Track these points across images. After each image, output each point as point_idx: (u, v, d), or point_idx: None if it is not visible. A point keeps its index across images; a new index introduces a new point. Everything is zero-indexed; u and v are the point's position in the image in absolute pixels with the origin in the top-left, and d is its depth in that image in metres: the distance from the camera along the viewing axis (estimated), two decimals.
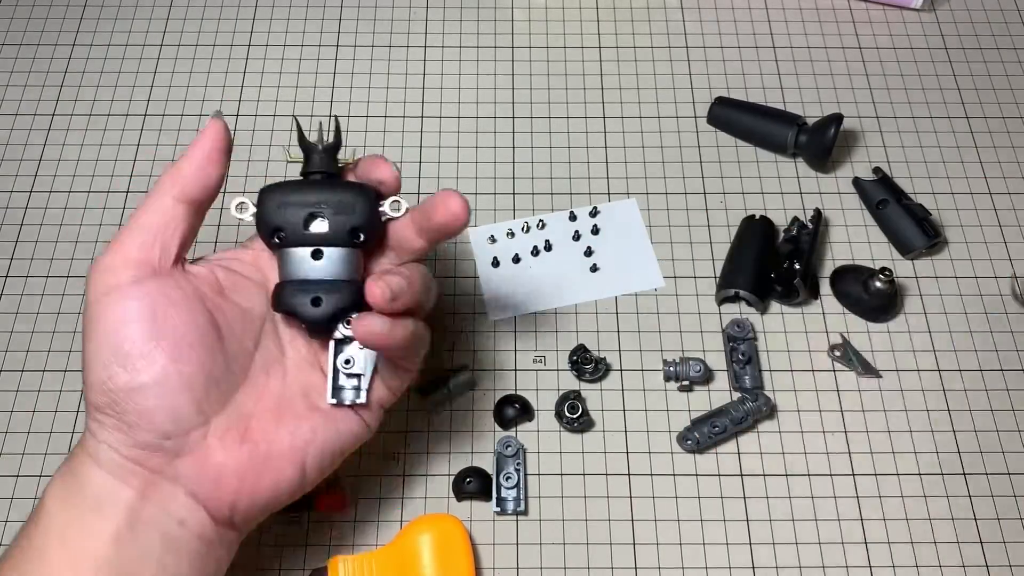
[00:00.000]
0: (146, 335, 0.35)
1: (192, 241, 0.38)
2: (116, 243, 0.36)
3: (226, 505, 0.36)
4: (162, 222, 0.36)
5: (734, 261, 0.53)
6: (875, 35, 0.64)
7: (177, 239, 0.37)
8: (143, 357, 0.34)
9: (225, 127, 0.38)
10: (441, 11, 0.65)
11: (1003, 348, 0.52)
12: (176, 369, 0.35)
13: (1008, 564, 0.46)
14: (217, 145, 0.37)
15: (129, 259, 0.36)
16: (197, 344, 0.36)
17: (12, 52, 0.63)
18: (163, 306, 0.35)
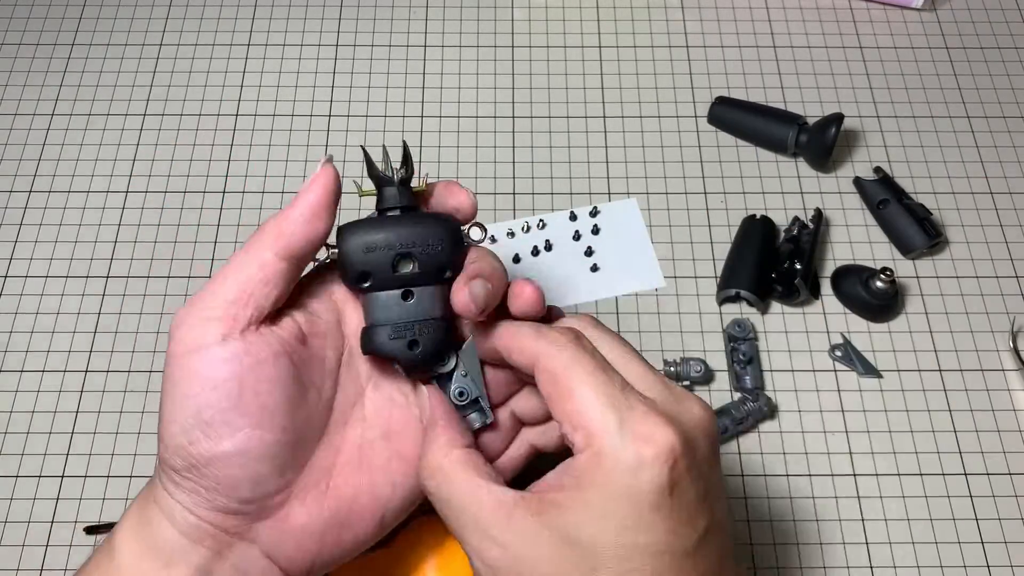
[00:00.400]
0: (231, 402, 0.32)
1: (286, 298, 0.35)
2: (206, 295, 0.33)
3: (306, 564, 0.35)
4: (259, 278, 0.33)
5: (735, 261, 0.53)
6: (876, 34, 0.64)
7: (272, 298, 0.33)
8: (227, 424, 0.32)
9: (336, 175, 0.35)
10: (441, 11, 0.65)
11: (1003, 348, 0.52)
12: (260, 436, 0.32)
13: (1009, 564, 0.46)
14: (328, 198, 0.35)
15: (218, 316, 0.33)
16: (283, 406, 0.33)
17: (12, 52, 0.63)
18: (250, 369, 0.33)
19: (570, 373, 0.31)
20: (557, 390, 0.31)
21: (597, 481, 0.29)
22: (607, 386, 0.31)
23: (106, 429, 0.49)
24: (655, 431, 0.30)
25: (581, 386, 0.31)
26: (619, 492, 0.29)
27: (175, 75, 0.62)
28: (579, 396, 0.31)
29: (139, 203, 0.57)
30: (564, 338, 0.32)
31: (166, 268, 0.55)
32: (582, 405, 0.31)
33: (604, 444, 0.30)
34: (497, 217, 0.56)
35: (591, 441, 0.30)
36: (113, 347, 0.52)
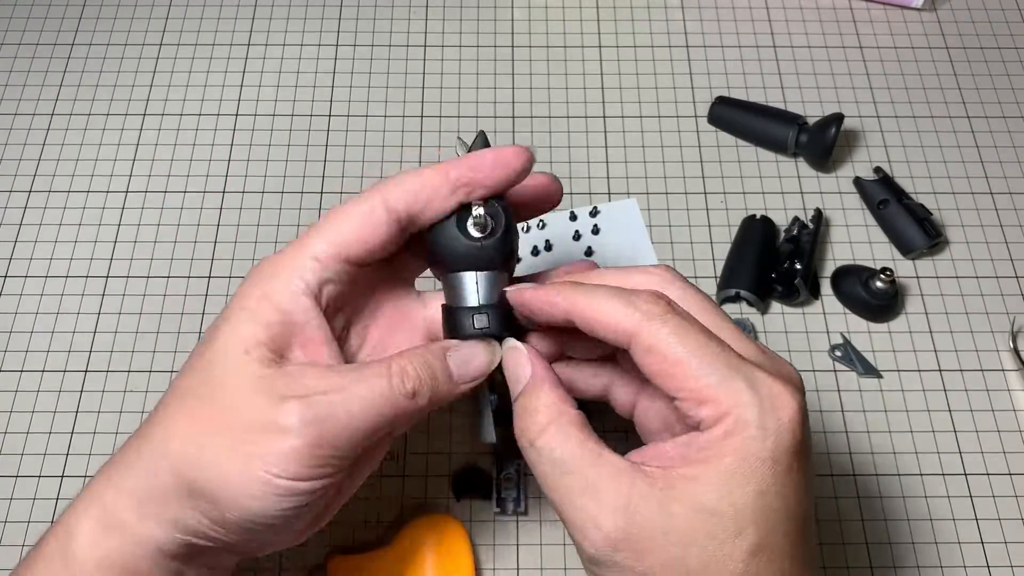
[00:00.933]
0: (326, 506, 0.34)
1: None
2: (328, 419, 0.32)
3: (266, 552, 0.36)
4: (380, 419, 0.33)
5: (735, 261, 0.53)
6: (876, 34, 0.64)
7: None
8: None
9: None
10: (441, 11, 0.65)
11: (1003, 348, 0.52)
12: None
13: (1009, 564, 0.46)
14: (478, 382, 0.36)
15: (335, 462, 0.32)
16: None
17: (11, 51, 0.63)
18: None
19: (680, 348, 0.30)
20: (669, 368, 0.30)
21: (735, 449, 0.29)
22: (725, 355, 0.30)
23: (106, 429, 0.49)
24: (783, 395, 0.30)
25: (697, 360, 0.30)
26: (759, 457, 0.29)
27: (175, 75, 0.62)
28: (699, 371, 0.30)
29: (139, 203, 0.57)
30: (658, 308, 0.31)
31: (166, 268, 0.55)
32: (706, 380, 0.30)
33: (742, 415, 0.29)
34: None
35: (725, 413, 0.30)
36: (113, 347, 0.52)
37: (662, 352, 0.31)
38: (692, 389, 0.30)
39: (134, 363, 0.51)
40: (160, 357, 0.51)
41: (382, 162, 0.58)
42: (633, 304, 0.31)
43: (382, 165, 0.58)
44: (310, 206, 0.57)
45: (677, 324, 0.31)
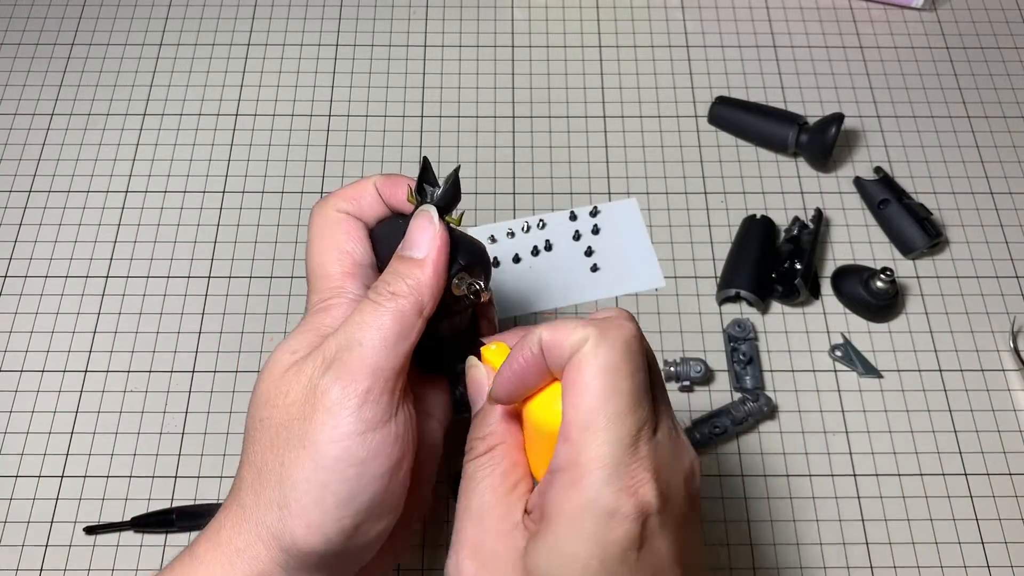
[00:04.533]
0: (403, 480, 0.33)
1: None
2: (366, 356, 0.32)
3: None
4: (414, 344, 0.34)
5: (735, 261, 0.53)
6: (876, 34, 0.64)
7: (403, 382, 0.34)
8: (400, 501, 0.34)
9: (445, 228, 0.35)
10: (441, 11, 0.65)
11: (1003, 348, 0.52)
12: (412, 502, 0.35)
13: (1009, 564, 0.46)
14: (447, 252, 0.35)
15: (390, 383, 0.33)
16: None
17: (11, 51, 0.63)
18: (410, 446, 0.34)
19: (598, 376, 0.29)
20: (575, 387, 0.30)
21: (567, 514, 0.28)
22: (631, 415, 0.29)
23: (106, 429, 0.49)
24: (641, 485, 0.28)
25: (601, 398, 0.29)
26: (589, 534, 0.28)
27: (175, 75, 0.62)
28: (596, 409, 0.29)
29: (139, 203, 0.57)
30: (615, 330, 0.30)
31: (166, 268, 0.54)
32: (593, 420, 0.29)
33: (590, 478, 0.28)
34: (497, 217, 0.56)
35: (580, 459, 0.28)
36: (113, 347, 0.52)
37: (579, 368, 0.30)
38: (571, 421, 0.30)
39: (134, 363, 0.51)
40: (160, 357, 0.51)
41: (382, 162, 0.58)
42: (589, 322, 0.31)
43: (382, 165, 0.58)
44: (310, 206, 0.57)
45: (619, 354, 0.30)
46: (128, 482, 0.48)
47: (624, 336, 0.30)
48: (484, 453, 0.33)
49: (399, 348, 0.33)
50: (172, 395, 0.50)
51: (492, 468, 0.33)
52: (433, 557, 0.46)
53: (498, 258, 0.55)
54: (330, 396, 0.32)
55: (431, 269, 0.34)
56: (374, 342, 0.32)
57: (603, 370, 0.29)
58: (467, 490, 0.33)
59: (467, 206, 0.56)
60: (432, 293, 0.34)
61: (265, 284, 0.54)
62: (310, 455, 0.31)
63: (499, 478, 0.32)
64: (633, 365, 0.29)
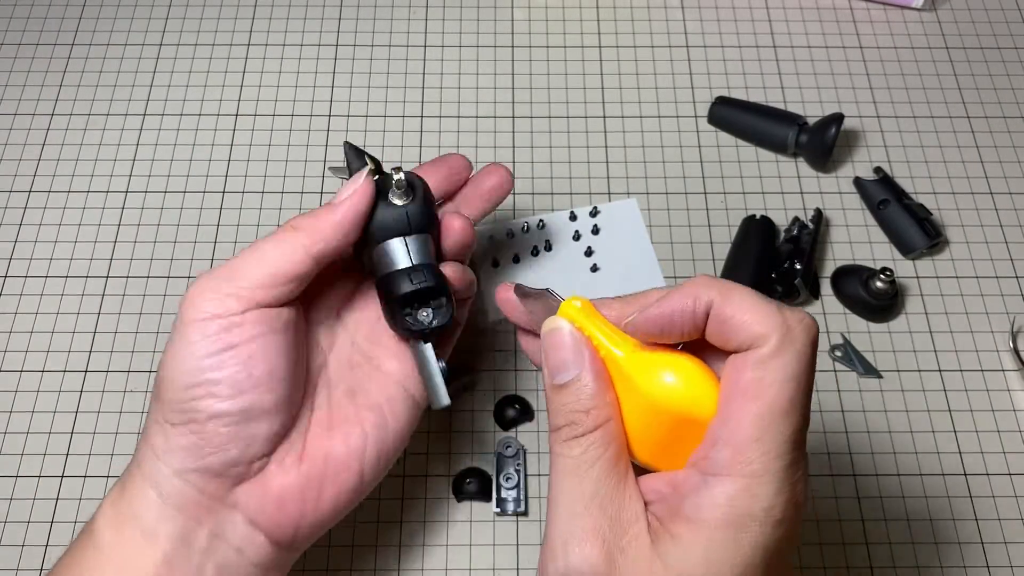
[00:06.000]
0: (242, 367, 0.34)
1: (301, 290, 0.37)
2: (231, 271, 0.36)
3: (290, 528, 0.36)
4: (290, 273, 0.36)
5: (735, 261, 0.53)
6: (876, 35, 0.64)
7: (294, 293, 0.36)
8: (235, 387, 0.34)
9: (374, 190, 0.38)
10: (441, 11, 0.65)
11: (1003, 348, 0.52)
12: (261, 400, 0.35)
13: (1009, 565, 0.46)
14: (366, 211, 0.37)
15: (243, 295, 0.35)
16: (283, 374, 0.35)
17: (11, 51, 0.63)
18: (263, 339, 0.35)
19: (780, 387, 0.28)
20: (749, 391, 0.28)
21: (729, 521, 0.28)
22: (802, 430, 0.29)
23: (106, 429, 0.49)
24: (801, 493, 0.28)
25: (780, 411, 0.28)
26: (756, 541, 0.28)
27: (175, 75, 0.62)
28: (772, 420, 0.28)
29: (139, 203, 0.57)
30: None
31: (166, 268, 0.55)
32: (767, 431, 0.28)
33: (761, 488, 0.28)
34: (497, 217, 0.56)
35: (744, 470, 0.28)
36: (113, 347, 0.52)
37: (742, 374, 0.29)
38: (743, 417, 0.29)
39: (134, 363, 0.51)
40: (160, 357, 0.51)
41: (382, 162, 0.58)
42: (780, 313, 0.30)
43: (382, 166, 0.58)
44: (310, 206, 0.57)
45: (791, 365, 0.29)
46: None
47: (811, 340, 0.29)
48: (593, 429, 0.31)
49: (267, 268, 0.35)
50: None
51: (604, 449, 0.30)
52: (433, 557, 0.46)
53: (498, 258, 0.55)
54: (190, 290, 0.36)
55: (338, 216, 0.36)
56: (247, 256, 0.36)
57: (786, 381, 0.28)
58: (576, 474, 0.30)
59: None
60: (329, 237, 0.36)
61: None
62: (166, 342, 0.36)
63: (612, 461, 0.30)
64: (812, 374, 0.29)
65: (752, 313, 0.29)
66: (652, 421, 0.31)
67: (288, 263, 0.36)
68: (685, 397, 0.30)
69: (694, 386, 0.30)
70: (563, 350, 0.32)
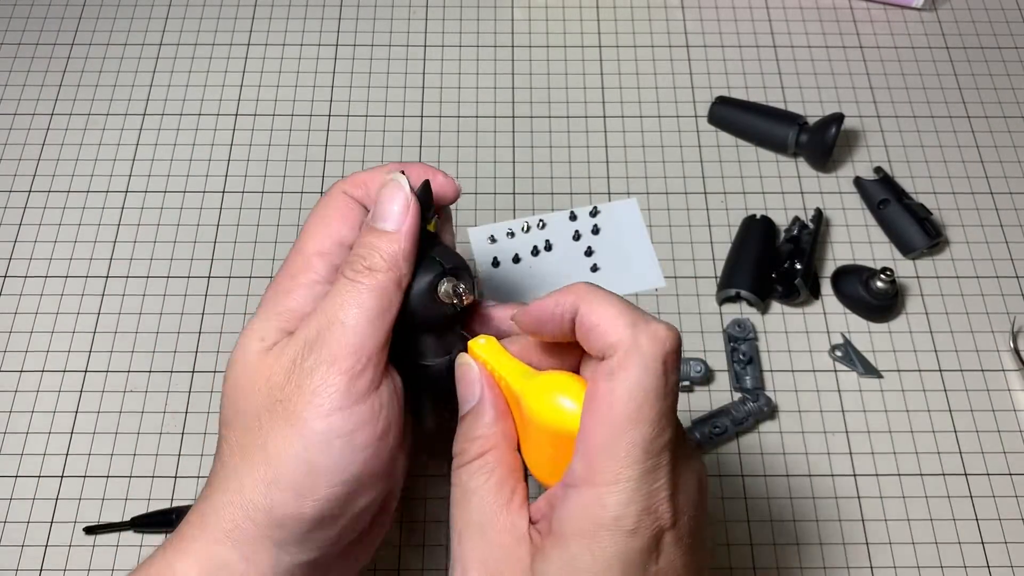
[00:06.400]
0: (394, 452, 0.33)
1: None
2: (348, 335, 0.32)
3: (355, 569, 0.37)
4: (395, 317, 0.33)
5: (735, 261, 0.53)
6: (876, 34, 0.64)
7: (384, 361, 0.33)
8: (381, 477, 0.33)
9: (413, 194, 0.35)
10: (441, 11, 0.65)
11: (1003, 348, 0.52)
12: (394, 474, 0.35)
13: (1009, 565, 0.46)
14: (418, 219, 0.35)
15: (373, 359, 0.32)
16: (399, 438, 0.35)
17: (11, 51, 0.63)
18: (387, 417, 0.33)
19: (629, 398, 0.28)
20: (600, 402, 0.29)
21: (584, 532, 0.28)
22: (656, 440, 0.28)
23: (105, 429, 0.49)
24: (660, 504, 0.28)
25: (628, 422, 0.28)
26: (607, 552, 0.28)
27: (175, 75, 0.62)
28: (622, 430, 0.28)
29: (139, 203, 0.57)
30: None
31: (166, 268, 0.54)
32: (617, 440, 0.28)
33: (611, 497, 0.28)
34: (497, 217, 0.56)
35: (597, 479, 0.28)
36: (113, 347, 0.52)
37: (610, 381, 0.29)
38: (596, 425, 0.29)
39: (134, 363, 0.51)
40: (160, 357, 0.51)
41: (382, 162, 0.58)
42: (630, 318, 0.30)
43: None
44: (310, 206, 0.57)
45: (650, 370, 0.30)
46: (128, 482, 0.48)
47: (663, 352, 0.29)
48: (477, 458, 0.32)
49: (380, 323, 0.33)
50: (172, 395, 0.50)
51: (488, 475, 0.32)
52: (432, 556, 0.46)
53: (498, 258, 0.55)
54: (315, 376, 0.32)
55: (405, 241, 0.34)
56: (356, 320, 0.32)
57: (633, 392, 0.28)
58: (462, 500, 0.32)
59: (467, 206, 0.56)
60: (409, 262, 0.34)
61: (265, 284, 0.54)
62: (297, 432, 0.31)
63: (496, 486, 0.31)
64: (667, 387, 0.29)
65: (607, 321, 0.29)
66: (542, 440, 0.32)
67: (393, 308, 0.33)
68: (555, 413, 0.31)
69: (568, 403, 0.31)
70: (464, 384, 0.34)
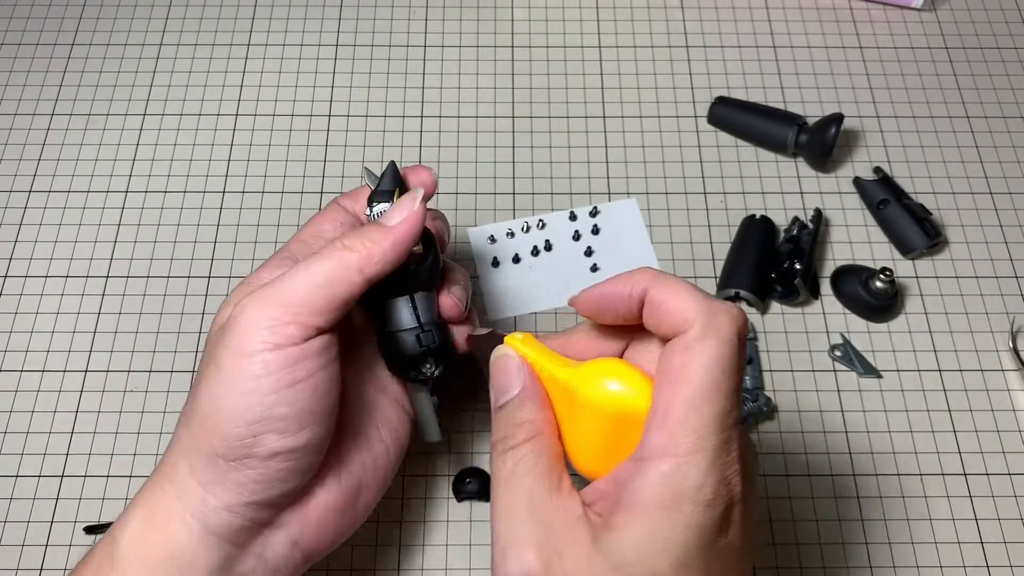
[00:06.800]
0: (308, 402, 0.33)
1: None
2: (286, 294, 0.34)
3: (327, 542, 0.36)
4: (347, 295, 0.34)
5: (734, 261, 0.53)
6: (875, 35, 0.64)
7: (345, 313, 0.35)
8: (299, 422, 0.33)
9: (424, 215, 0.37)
10: (441, 11, 0.65)
11: (1003, 348, 0.52)
12: (321, 431, 0.35)
13: (1009, 564, 0.46)
14: (419, 232, 0.36)
15: (303, 318, 0.33)
16: (336, 404, 0.35)
17: (12, 51, 0.63)
18: (325, 373, 0.34)
19: (705, 371, 0.29)
20: (678, 377, 0.29)
21: (663, 502, 0.28)
22: (731, 413, 0.29)
23: (106, 429, 0.49)
24: (734, 476, 0.29)
25: (706, 394, 0.29)
26: (688, 521, 0.28)
27: (175, 75, 0.62)
28: (700, 402, 0.29)
29: (139, 203, 0.57)
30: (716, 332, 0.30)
31: (166, 268, 0.55)
32: (696, 412, 0.29)
33: (692, 467, 0.28)
34: (497, 217, 0.56)
35: (678, 450, 0.29)
36: (113, 347, 0.52)
37: (674, 362, 0.30)
38: (672, 407, 0.30)
39: (134, 363, 0.51)
40: (160, 357, 0.51)
41: (382, 162, 0.58)
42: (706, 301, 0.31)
43: (382, 165, 0.58)
44: (310, 206, 0.57)
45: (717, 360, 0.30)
46: (128, 482, 0.48)
47: (735, 328, 0.30)
48: (524, 442, 0.32)
49: (323, 291, 0.34)
50: (172, 395, 0.50)
51: (536, 460, 0.32)
52: (432, 556, 0.46)
53: (498, 258, 0.55)
54: (242, 318, 0.33)
55: (392, 239, 0.35)
56: (299, 278, 0.34)
57: (710, 365, 0.29)
58: (510, 485, 0.32)
59: (467, 206, 0.57)
60: (383, 260, 0.35)
61: None
62: (213, 371, 0.33)
63: (545, 470, 0.32)
64: (739, 361, 0.30)
65: (680, 300, 0.30)
66: (595, 428, 0.32)
67: (344, 285, 0.34)
68: (621, 396, 0.32)
69: (628, 384, 0.32)
70: (504, 374, 0.35)
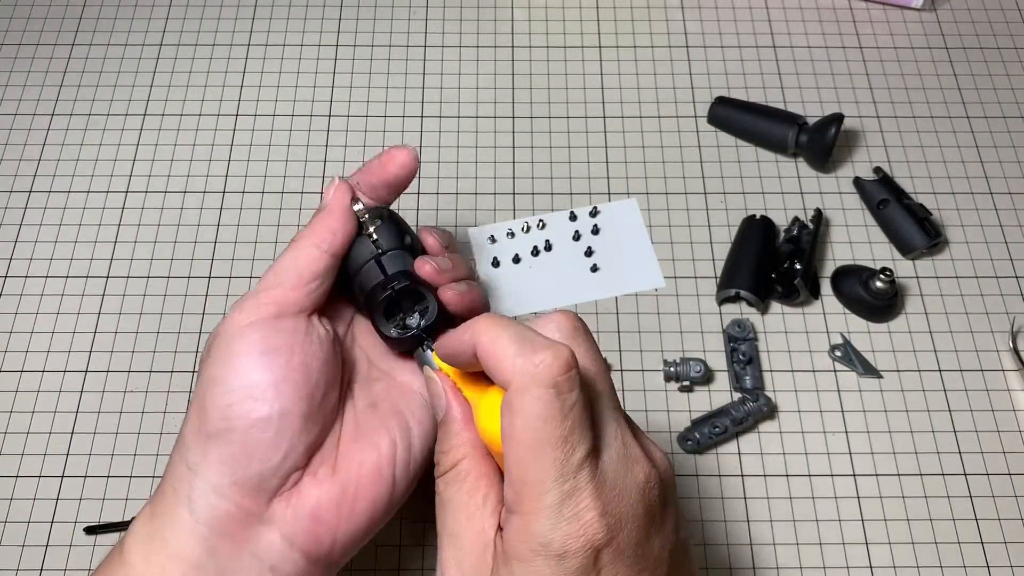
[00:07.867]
0: (281, 370, 0.35)
1: (328, 293, 0.39)
2: (263, 284, 0.38)
3: (325, 542, 0.36)
4: (314, 269, 0.38)
5: (735, 261, 0.53)
6: (876, 35, 0.64)
7: (323, 291, 0.38)
8: (274, 388, 0.35)
9: (348, 187, 0.41)
10: (441, 11, 0.65)
11: (1003, 348, 0.52)
12: (299, 407, 0.36)
13: (1009, 564, 0.46)
14: (348, 201, 0.40)
15: (278, 295, 0.37)
16: (318, 384, 0.37)
17: (12, 52, 0.63)
18: (301, 346, 0.36)
19: (525, 429, 0.29)
20: (505, 433, 0.29)
21: (522, 557, 0.29)
22: (568, 460, 0.28)
23: (106, 429, 0.49)
24: (588, 524, 0.28)
25: (532, 450, 0.29)
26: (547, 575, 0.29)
27: (175, 75, 0.62)
28: (530, 459, 0.29)
29: (139, 203, 0.57)
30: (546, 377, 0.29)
31: (166, 268, 0.55)
32: (528, 470, 0.29)
33: (536, 525, 0.28)
34: (497, 217, 0.56)
35: (522, 508, 0.29)
36: (113, 347, 0.52)
37: (510, 407, 0.30)
38: (515, 465, 0.30)
39: (134, 363, 0.51)
40: (160, 357, 0.51)
41: None
42: (524, 341, 0.30)
43: None
44: (310, 206, 0.57)
45: (544, 408, 0.30)
46: (128, 482, 0.48)
47: (551, 377, 0.29)
48: (449, 469, 0.33)
49: (292, 270, 0.38)
50: (172, 395, 0.50)
51: (459, 485, 0.33)
52: (433, 556, 0.46)
53: (498, 258, 0.55)
54: (231, 311, 0.37)
55: (329, 211, 0.40)
56: (273, 266, 0.38)
57: (529, 421, 0.29)
58: (440, 509, 0.33)
59: (467, 206, 0.57)
60: (332, 231, 0.39)
61: None
62: (207, 360, 0.36)
63: (467, 495, 0.32)
64: (564, 408, 0.29)
65: (501, 357, 0.30)
66: (494, 447, 0.33)
67: (307, 261, 0.38)
68: (491, 433, 0.32)
69: (494, 420, 0.32)
70: (433, 398, 0.36)
